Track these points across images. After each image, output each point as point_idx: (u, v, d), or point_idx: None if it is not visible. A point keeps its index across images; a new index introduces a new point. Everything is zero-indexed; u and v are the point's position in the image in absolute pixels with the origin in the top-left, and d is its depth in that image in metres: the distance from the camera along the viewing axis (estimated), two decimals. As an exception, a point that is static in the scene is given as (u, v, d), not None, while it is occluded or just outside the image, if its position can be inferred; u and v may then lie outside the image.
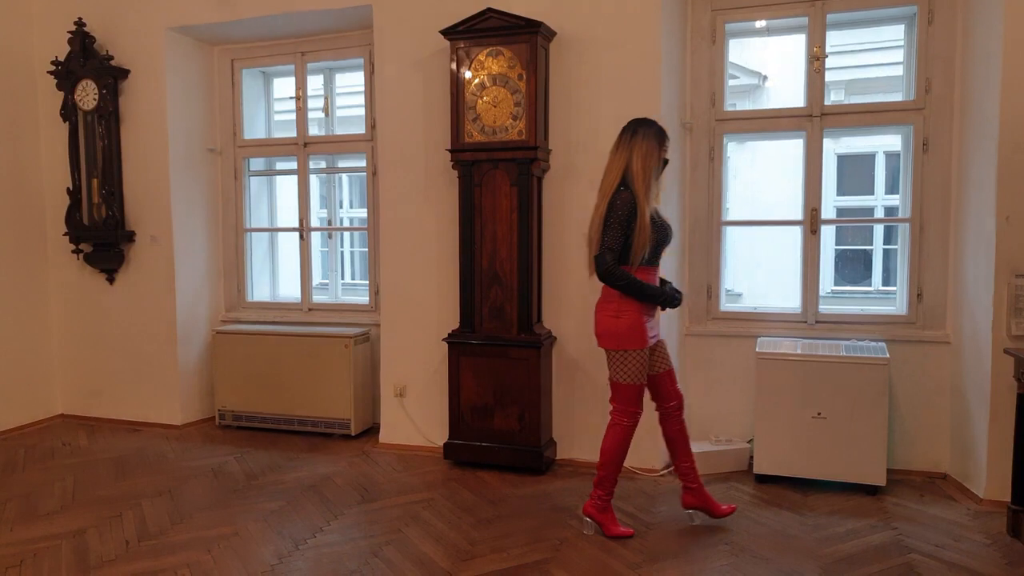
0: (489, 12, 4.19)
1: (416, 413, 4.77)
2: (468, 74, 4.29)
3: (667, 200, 4.29)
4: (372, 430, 5.12)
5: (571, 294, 4.42)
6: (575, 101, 4.35)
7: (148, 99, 5.28)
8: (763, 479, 4.12)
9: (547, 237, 4.45)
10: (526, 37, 4.17)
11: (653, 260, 3.44)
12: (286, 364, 5.17)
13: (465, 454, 4.41)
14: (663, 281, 3.56)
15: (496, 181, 4.31)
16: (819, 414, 3.97)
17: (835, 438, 3.94)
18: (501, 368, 4.32)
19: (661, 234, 3.42)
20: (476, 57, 4.28)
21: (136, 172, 5.35)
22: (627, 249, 3.34)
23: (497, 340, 4.33)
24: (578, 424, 4.44)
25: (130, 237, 5.38)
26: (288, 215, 5.81)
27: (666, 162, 3.46)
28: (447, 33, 4.29)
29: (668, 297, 3.47)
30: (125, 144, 5.36)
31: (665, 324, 4.31)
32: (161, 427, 5.38)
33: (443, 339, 4.44)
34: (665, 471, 4.30)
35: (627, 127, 3.45)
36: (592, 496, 3.52)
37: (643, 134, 3.39)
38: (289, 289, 5.91)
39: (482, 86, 4.28)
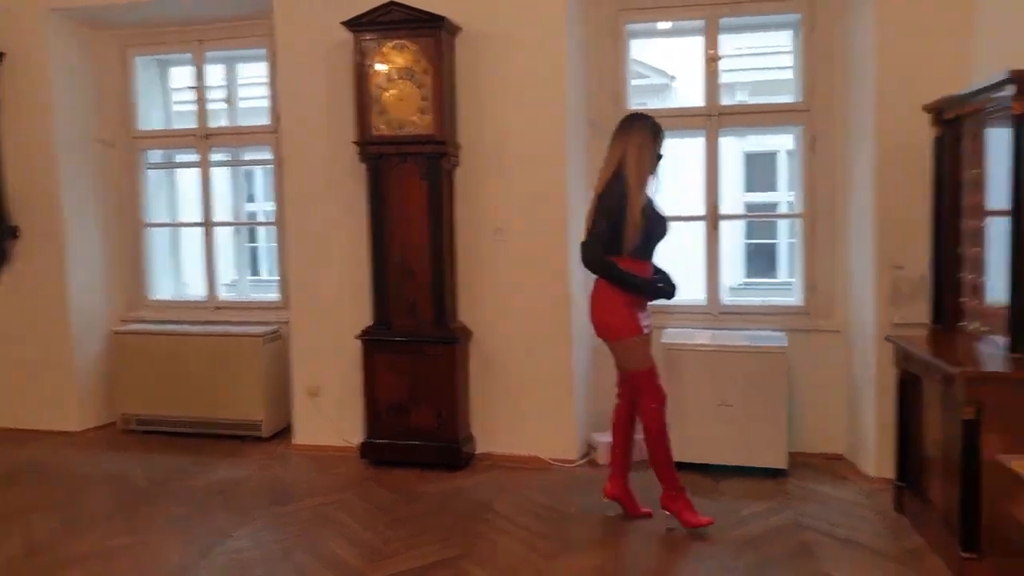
0: (392, 5, 4.15)
1: (331, 413, 4.70)
2: (373, 67, 4.24)
3: (575, 197, 4.38)
4: (286, 431, 5.02)
5: (487, 288, 4.45)
6: (483, 97, 4.36)
7: (29, 85, 4.98)
8: (677, 467, 4.25)
9: (461, 231, 4.45)
10: (430, 31, 4.15)
11: (646, 252, 3.47)
12: (192, 365, 5.00)
13: (382, 453, 4.39)
14: (659, 271, 3.57)
15: (406, 175, 4.28)
16: (724, 402, 4.13)
17: (740, 425, 4.11)
18: (417, 364, 4.31)
19: (653, 226, 3.44)
20: (381, 50, 4.23)
21: (17, 163, 5.04)
22: (618, 240, 3.36)
23: (412, 336, 4.31)
24: (497, 418, 4.48)
25: (13, 233, 5.07)
26: (192, 209, 5.60)
27: (660, 156, 3.50)
28: (350, 25, 4.22)
29: (653, 288, 3.47)
30: (4, 133, 5.04)
31: (578, 317, 4.40)
32: (57, 435, 5.11)
33: (356, 336, 4.39)
34: (582, 461, 4.40)
35: (623, 121, 3.50)
36: (663, 490, 3.48)
37: (639, 127, 3.43)
38: (195, 287, 5.70)
39: (388, 79, 4.24)
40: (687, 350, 4.18)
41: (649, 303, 3.56)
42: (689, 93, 7.35)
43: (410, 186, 4.28)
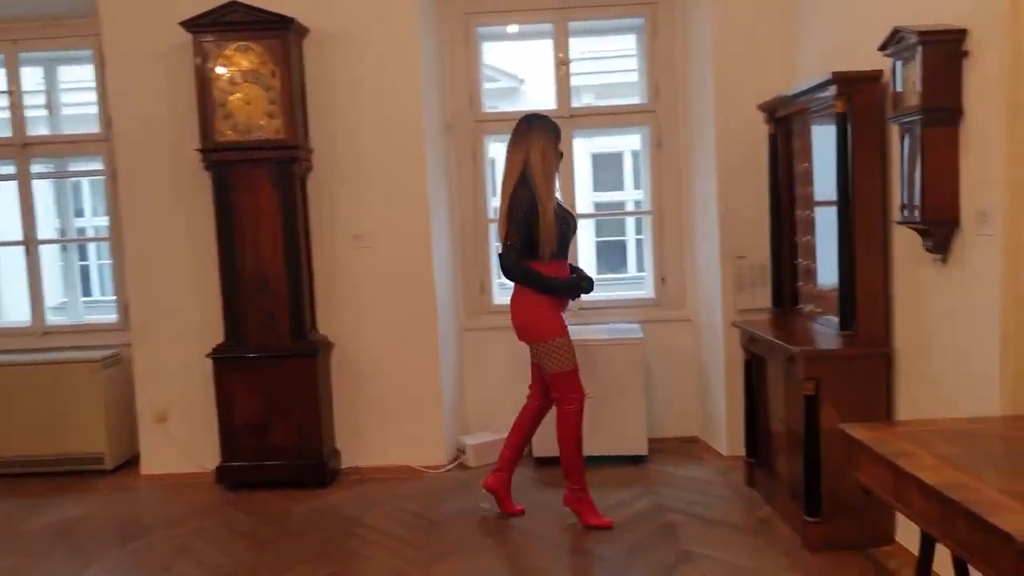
0: (235, 4, 3.96)
1: (182, 438, 4.40)
2: (215, 70, 4.03)
3: (436, 201, 4.36)
4: (133, 462, 4.64)
5: (348, 297, 4.33)
6: (335, 100, 4.25)
7: None
8: (544, 461, 4.32)
9: (317, 239, 4.31)
10: (277, 32, 3.99)
11: (561, 252, 3.48)
12: (19, 397, 4.52)
13: (241, 476, 4.16)
14: (575, 269, 3.60)
15: (255, 182, 4.09)
16: (587, 394, 4.23)
17: (603, 415, 4.22)
18: (275, 380, 4.13)
19: (564, 226, 3.46)
20: (224, 52, 4.02)
21: None
22: (535, 244, 3.36)
23: (268, 351, 4.13)
24: (363, 430, 4.37)
25: None
26: (11, 226, 5.06)
27: (560, 155, 3.51)
28: (189, 26, 3.99)
29: (572, 287, 3.50)
30: None
31: (444, 321, 4.39)
32: None
33: (207, 355, 4.15)
34: (452, 466, 4.37)
35: (521, 122, 3.48)
36: (567, 488, 3.51)
37: (538, 128, 3.42)
38: (16, 312, 5.16)
39: (233, 82, 4.04)
40: (550, 347, 4.25)
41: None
42: (539, 96, 7.50)
43: (260, 193, 4.09)
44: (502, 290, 4.96)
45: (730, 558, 3.11)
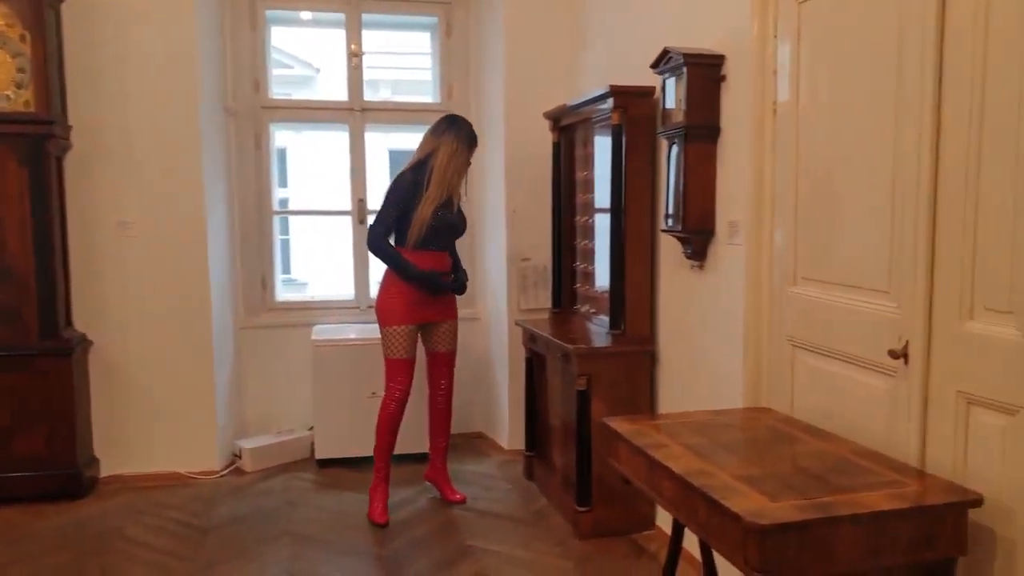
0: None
1: None
2: (-48, 29, 3.52)
3: (213, 187, 4.10)
4: None
5: (111, 291, 3.95)
6: (100, 73, 3.86)
7: None
8: (325, 463, 4.22)
9: (75, 226, 3.89)
10: (28, -9, 3.56)
11: (430, 244, 3.45)
12: None
13: (-26, 491, 3.66)
14: (458, 267, 3.58)
15: None
16: (374, 394, 4.18)
17: (388, 415, 4.20)
18: (20, 383, 3.67)
19: (438, 220, 3.43)
20: (-39, 9, 3.53)
21: None
22: (406, 229, 3.41)
23: (13, 350, 3.67)
24: (126, 436, 4.01)
25: None
26: None
27: (468, 164, 3.55)
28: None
29: (426, 281, 3.43)
30: None
31: (220, 318, 4.13)
32: None
33: (-69, 354, 3.60)
34: (226, 471, 4.13)
35: (444, 120, 3.52)
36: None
37: (454, 134, 3.44)
38: None
39: (-27, 46, 3.55)
40: (335, 346, 4.16)
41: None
42: (333, 87, 7.32)
43: (5, 173, 3.63)
44: (286, 287, 4.78)
45: (507, 550, 3.21)
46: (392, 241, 3.49)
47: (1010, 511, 1.69)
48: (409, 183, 3.45)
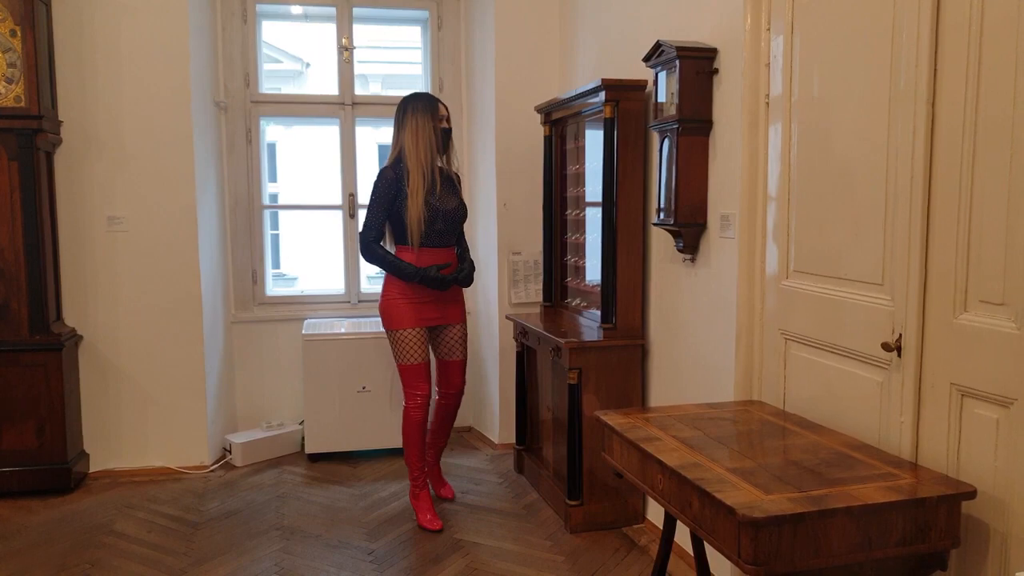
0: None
1: None
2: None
3: (204, 182, 4.07)
4: None
5: (102, 286, 3.92)
6: (91, 68, 3.83)
7: None
8: (315, 457, 4.21)
9: (66, 221, 3.87)
10: (18, -14, 3.52)
11: (433, 240, 3.30)
12: None
13: (-39, 485, 3.63)
14: (464, 258, 3.46)
15: (-11, 155, 3.59)
16: (364, 388, 4.18)
17: (379, 408, 4.19)
18: (11, 377, 3.66)
19: (433, 210, 3.27)
20: (-51, 3, 3.49)
21: None
22: (403, 228, 3.27)
23: (2, 344, 3.64)
24: (116, 430, 3.99)
25: None
26: None
27: (447, 131, 3.35)
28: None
29: (427, 279, 3.26)
30: None
31: (210, 312, 4.11)
32: None
33: (-82, 348, 3.57)
34: (216, 466, 4.11)
35: (400, 104, 3.34)
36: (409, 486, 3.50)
37: (412, 109, 3.28)
38: None
39: (-37, 40, 3.52)
40: (326, 340, 4.14)
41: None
42: (323, 81, 7.29)
43: (-5, 167, 3.60)
44: (276, 281, 4.76)
45: (497, 544, 3.21)
46: (393, 244, 3.37)
47: (1003, 503, 1.69)
48: (391, 180, 3.29)
